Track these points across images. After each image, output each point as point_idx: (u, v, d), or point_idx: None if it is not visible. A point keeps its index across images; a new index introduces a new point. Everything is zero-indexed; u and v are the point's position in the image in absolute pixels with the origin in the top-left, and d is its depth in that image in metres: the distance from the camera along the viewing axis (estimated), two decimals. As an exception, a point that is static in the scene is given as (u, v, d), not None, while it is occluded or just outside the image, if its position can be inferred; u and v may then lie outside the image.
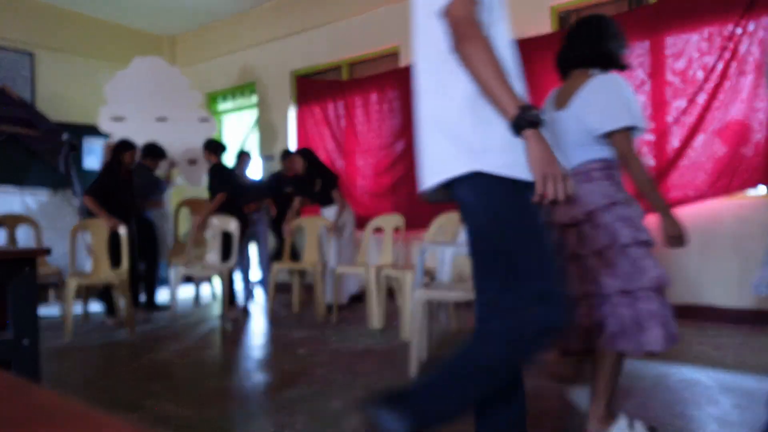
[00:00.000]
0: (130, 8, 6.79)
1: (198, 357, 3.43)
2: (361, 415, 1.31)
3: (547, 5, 4.77)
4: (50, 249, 1.95)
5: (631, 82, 4.22)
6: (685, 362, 2.91)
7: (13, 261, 1.73)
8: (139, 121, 6.03)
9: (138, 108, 6.07)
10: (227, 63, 7.27)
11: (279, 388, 2.69)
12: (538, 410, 2.24)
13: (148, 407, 2.46)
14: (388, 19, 5.70)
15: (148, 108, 6.10)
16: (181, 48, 7.83)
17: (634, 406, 2.26)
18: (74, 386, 2.85)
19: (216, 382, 2.88)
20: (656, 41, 4.11)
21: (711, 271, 3.98)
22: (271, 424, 2.19)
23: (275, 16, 6.68)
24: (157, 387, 2.77)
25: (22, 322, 1.73)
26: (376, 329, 4.04)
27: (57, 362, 3.37)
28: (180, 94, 6.29)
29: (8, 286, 1.70)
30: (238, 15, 7.05)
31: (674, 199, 4.00)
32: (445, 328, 3.91)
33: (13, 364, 1.71)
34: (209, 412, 2.38)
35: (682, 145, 3.99)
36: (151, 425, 2.23)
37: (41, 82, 6.56)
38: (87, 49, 6.99)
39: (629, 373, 2.73)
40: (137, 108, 6.07)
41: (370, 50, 5.95)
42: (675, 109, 4.03)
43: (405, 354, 3.28)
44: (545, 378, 2.26)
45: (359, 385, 2.67)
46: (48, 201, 5.77)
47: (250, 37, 6.95)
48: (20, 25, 6.36)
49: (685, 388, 2.48)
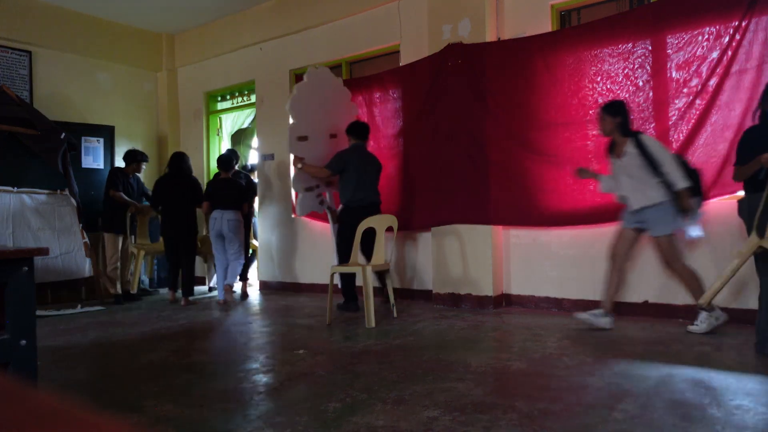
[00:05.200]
0: (128, 7, 6.76)
1: (198, 357, 3.41)
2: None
3: (548, 4, 4.76)
4: (48, 248, 1.93)
5: (632, 82, 4.21)
6: (688, 363, 2.90)
7: (11, 261, 1.71)
8: (317, 138, 5.29)
9: (316, 125, 5.29)
10: (226, 62, 7.26)
11: (279, 388, 2.68)
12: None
13: (148, 407, 2.45)
14: (388, 18, 5.69)
15: (323, 124, 5.36)
16: (180, 47, 7.81)
17: (635, 406, 2.25)
18: (73, 387, 2.83)
19: (216, 382, 2.86)
20: (657, 41, 4.10)
21: (711, 271, 3.96)
22: (271, 425, 2.18)
23: (274, 15, 6.67)
24: (157, 387, 2.76)
25: (19, 322, 1.72)
26: (372, 328, 4.03)
27: (55, 362, 3.35)
28: (345, 107, 5.56)
29: (6, 286, 1.69)
30: (237, 14, 7.03)
31: (675, 199, 4.00)
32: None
33: (11, 365, 1.70)
34: (209, 412, 2.37)
35: (683, 145, 3.98)
36: (150, 426, 2.22)
37: (39, 81, 6.54)
38: (85, 47, 6.97)
39: (631, 373, 2.72)
40: (316, 126, 5.29)
41: (370, 49, 5.95)
42: (676, 109, 4.03)
43: (405, 354, 3.27)
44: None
45: (359, 385, 2.66)
46: (46, 201, 5.74)
47: (249, 36, 6.93)
48: (18, 24, 6.34)
49: (687, 389, 2.47)
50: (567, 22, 4.87)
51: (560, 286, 4.62)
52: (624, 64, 4.23)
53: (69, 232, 5.58)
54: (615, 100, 3.90)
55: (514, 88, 4.70)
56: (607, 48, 4.30)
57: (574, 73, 4.43)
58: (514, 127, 4.70)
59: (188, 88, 7.78)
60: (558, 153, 4.48)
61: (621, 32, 4.22)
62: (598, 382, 2.59)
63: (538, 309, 4.69)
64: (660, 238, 3.61)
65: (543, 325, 3.99)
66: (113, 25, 7.22)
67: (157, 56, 7.76)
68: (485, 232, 4.81)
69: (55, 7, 6.63)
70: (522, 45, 4.69)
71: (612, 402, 2.31)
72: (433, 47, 5.09)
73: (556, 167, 4.48)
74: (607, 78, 4.29)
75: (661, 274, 4.12)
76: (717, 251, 3.92)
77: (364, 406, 2.35)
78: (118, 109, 7.34)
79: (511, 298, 4.90)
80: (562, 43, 4.51)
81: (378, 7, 5.77)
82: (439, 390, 2.53)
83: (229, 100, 7.57)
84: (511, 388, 2.61)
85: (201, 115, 7.62)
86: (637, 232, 3.75)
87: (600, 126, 3.81)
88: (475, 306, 4.77)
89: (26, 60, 6.43)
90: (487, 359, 3.10)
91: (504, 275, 4.91)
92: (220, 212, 5.50)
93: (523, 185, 4.66)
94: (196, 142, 7.67)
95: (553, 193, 4.54)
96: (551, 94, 4.51)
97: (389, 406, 2.33)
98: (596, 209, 4.31)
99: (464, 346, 3.46)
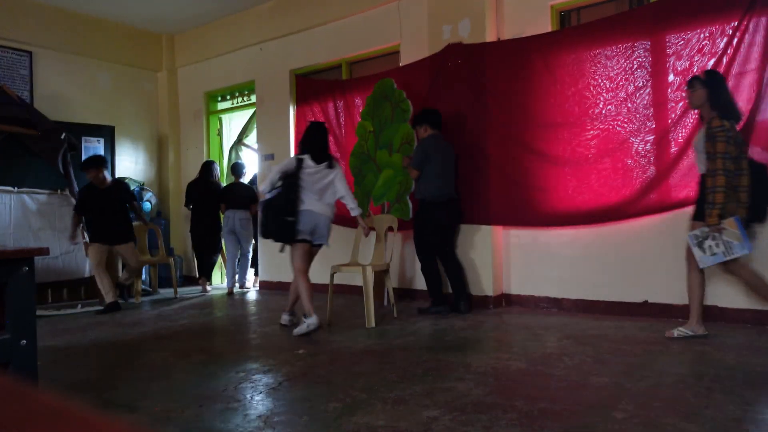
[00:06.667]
0: (129, 7, 6.77)
1: (198, 357, 3.41)
2: None
3: (548, 4, 4.76)
4: (48, 248, 1.93)
5: (632, 82, 4.21)
6: (687, 363, 2.90)
7: (11, 261, 1.72)
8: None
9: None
10: (226, 62, 7.26)
11: (279, 388, 2.68)
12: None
13: (148, 407, 2.45)
14: (388, 18, 5.69)
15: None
16: (180, 47, 7.81)
17: (635, 406, 2.25)
18: (73, 387, 2.83)
19: (216, 382, 2.86)
20: (657, 41, 4.10)
21: (712, 271, 3.97)
22: (271, 425, 2.18)
23: (274, 15, 6.67)
24: (157, 387, 2.76)
25: (19, 322, 1.72)
26: (373, 328, 4.03)
27: (55, 362, 3.35)
28: None
29: (6, 286, 1.69)
30: (237, 14, 7.04)
31: (676, 199, 4.00)
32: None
33: (11, 365, 1.70)
34: (209, 412, 2.37)
35: (683, 145, 3.98)
36: (150, 426, 2.22)
37: (40, 81, 6.55)
38: (86, 48, 6.97)
39: (631, 373, 2.72)
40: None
41: (370, 49, 5.95)
42: (676, 109, 4.03)
43: (405, 354, 3.27)
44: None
45: (359, 385, 2.66)
46: (47, 201, 5.75)
47: (249, 36, 6.93)
48: (19, 24, 6.34)
49: (687, 389, 2.47)
50: (567, 23, 4.87)
51: (560, 286, 4.61)
52: (624, 64, 4.23)
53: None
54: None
55: (514, 88, 4.70)
56: (606, 48, 4.30)
57: (574, 73, 4.43)
58: (514, 127, 4.70)
59: (188, 88, 7.78)
60: (558, 153, 4.48)
61: (621, 32, 4.22)
62: (598, 382, 2.59)
63: (538, 309, 4.69)
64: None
65: (543, 325, 3.99)
66: (113, 25, 7.22)
67: (157, 56, 7.77)
68: (485, 232, 4.81)
69: (55, 7, 6.63)
70: (522, 45, 4.69)
71: (612, 402, 2.31)
72: (433, 47, 5.09)
73: (556, 167, 4.48)
74: (606, 78, 4.29)
75: (661, 274, 4.12)
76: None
77: (364, 406, 2.35)
78: (118, 109, 7.34)
79: (511, 298, 4.90)
80: (561, 43, 4.51)
81: (378, 7, 5.77)
82: (439, 390, 2.53)
83: (229, 100, 7.57)
84: (511, 388, 2.61)
85: (201, 115, 7.62)
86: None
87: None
88: (475, 306, 4.77)
89: (27, 60, 6.43)
90: (487, 359, 3.10)
91: (504, 275, 4.91)
92: (232, 212, 6.31)
93: (523, 185, 4.66)
94: (196, 142, 7.68)
95: (553, 193, 4.54)
96: (551, 94, 4.51)
97: (389, 406, 2.33)
98: (596, 209, 4.32)
99: (464, 346, 3.46)
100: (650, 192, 4.10)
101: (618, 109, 4.23)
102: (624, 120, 4.21)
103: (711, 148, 3.18)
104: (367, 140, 5.40)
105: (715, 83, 3.33)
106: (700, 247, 3.29)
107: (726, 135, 3.16)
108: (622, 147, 4.22)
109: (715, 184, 3.16)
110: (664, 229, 4.12)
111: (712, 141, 3.18)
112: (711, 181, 3.19)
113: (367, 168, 5.38)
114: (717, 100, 3.29)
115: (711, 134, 3.20)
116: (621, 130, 4.22)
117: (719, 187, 3.15)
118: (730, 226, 3.18)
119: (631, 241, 4.26)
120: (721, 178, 3.14)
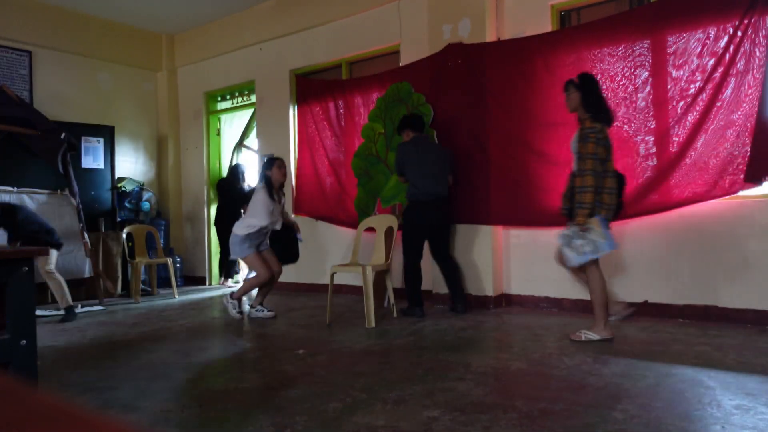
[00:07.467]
0: (129, 7, 6.77)
1: (198, 357, 3.41)
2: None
3: (548, 4, 4.76)
4: (48, 249, 1.93)
5: (632, 82, 4.21)
6: (687, 363, 2.90)
7: (11, 261, 1.71)
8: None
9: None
10: (226, 62, 7.26)
11: (279, 388, 2.68)
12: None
13: (148, 407, 2.45)
14: (388, 17, 5.69)
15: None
16: (180, 47, 7.81)
17: (635, 406, 2.25)
18: (73, 387, 2.83)
19: (216, 382, 2.86)
20: (657, 40, 4.10)
21: (712, 271, 3.97)
22: (271, 425, 2.18)
23: (274, 14, 6.67)
24: (157, 387, 2.76)
25: (19, 322, 1.72)
26: (372, 328, 4.03)
27: (55, 362, 3.35)
28: None
29: (6, 286, 1.69)
30: (237, 14, 7.04)
31: (676, 199, 4.00)
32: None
33: (11, 365, 1.70)
34: (209, 412, 2.37)
35: (683, 145, 3.98)
36: (150, 426, 2.22)
37: (39, 81, 6.55)
38: (86, 48, 6.97)
39: (631, 373, 2.72)
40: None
41: (370, 48, 5.95)
42: (676, 109, 4.03)
43: (405, 354, 3.27)
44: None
45: (359, 385, 2.66)
46: (46, 201, 5.74)
47: (249, 36, 6.93)
48: (18, 24, 6.34)
49: (687, 389, 2.47)
50: (567, 22, 4.87)
51: (560, 286, 4.61)
52: (624, 63, 4.23)
53: (69, 233, 5.57)
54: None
55: (514, 88, 4.70)
56: (607, 48, 4.30)
57: (574, 72, 4.39)
58: (514, 127, 4.70)
59: (188, 88, 7.77)
60: (558, 153, 4.48)
61: (621, 32, 4.22)
62: (598, 382, 2.59)
63: (538, 309, 4.69)
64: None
65: (543, 325, 3.99)
66: (113, 25, 7.22)
67: (157, 56, 7.76)
68: (485, 232, 4.81)
69: (55, 7, 6.63)
70: (522, 45, 4.69)
71: (612, 402, 2.31)
72: (433, 47, 5.08)
73: (556, 167, 4.48)
74: (607, 78, 4.29)
75: (660, 274, 4.12)
76: (717, 251, 3.92)
77: (364, 406, 2.35)
78: (118, 109, 7.34)
79: (511, 298, 4.90)
80: (562, 43, 4.51)
81: (378, 7, 5.77)
82: (439, 390, 2.53)
83: (229, 100, 7.57)
84: (511, 388, 2.61)
85: (201, 115, 7.62)
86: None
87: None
88: (475, 306, 4.77)
89: (26, 60, 6.43)
90: (487, 359, 3.10)
91: (504, 275, 4.91)
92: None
93: (524, 185, 4.66)
94: (195, 142, 7.68)
95: (553, 193, 4.53)
96: (551, 94, 4.51)
97: (389, 406, 2.33)
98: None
99: (464, 346, 3.46)
100: (650, 192, 4.10)
101: (618, 109, 4.23)
102: (624, 120, 4.21)
103: (582, 148, 3.25)
104: (377, 142, 5.40)
105: (587, 86, 3.41)
106: (570, 246, 3.34)
107: (596, 137, 3.24)
108: (622, 147, 4.21)
109: (584, 184, 3.22)
110: (664, 229, 4.12)
111: (584, 142, 3.25)
112: (580, 180, 3.25)
113: (376, 170, 5.38)
114: (590, 103, 3.36)
115: (583, 135, 3.27)
116: (621, 130, 4.22)
117: (588, 186, 3.21)
118: (595, 225, 3.23)
119: (631, 241, 4.26)
120: (590, 178, 3.21)
